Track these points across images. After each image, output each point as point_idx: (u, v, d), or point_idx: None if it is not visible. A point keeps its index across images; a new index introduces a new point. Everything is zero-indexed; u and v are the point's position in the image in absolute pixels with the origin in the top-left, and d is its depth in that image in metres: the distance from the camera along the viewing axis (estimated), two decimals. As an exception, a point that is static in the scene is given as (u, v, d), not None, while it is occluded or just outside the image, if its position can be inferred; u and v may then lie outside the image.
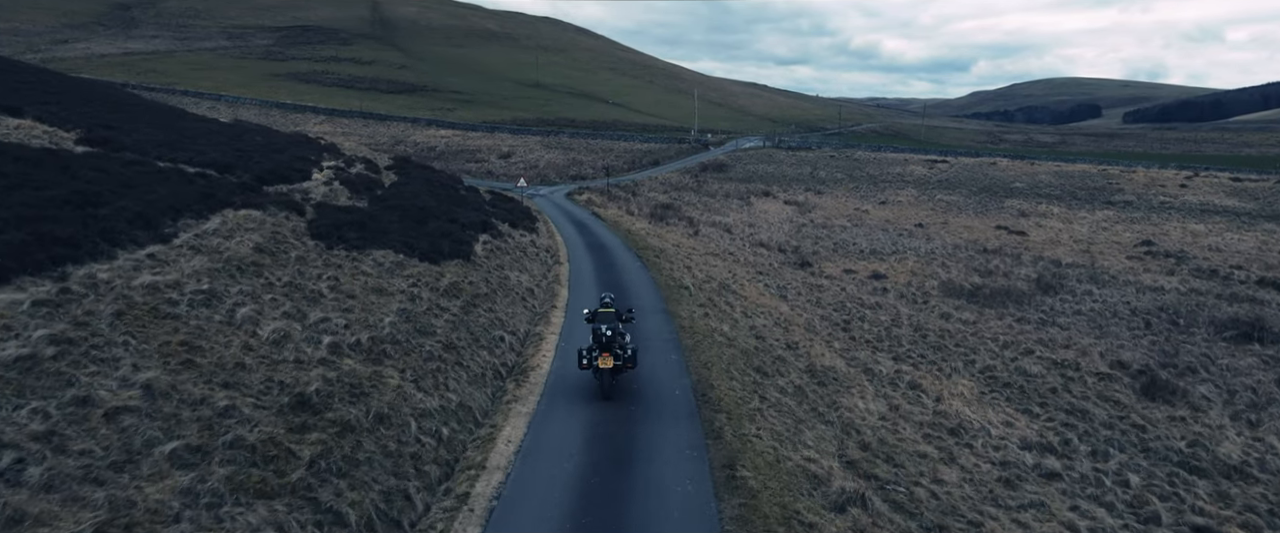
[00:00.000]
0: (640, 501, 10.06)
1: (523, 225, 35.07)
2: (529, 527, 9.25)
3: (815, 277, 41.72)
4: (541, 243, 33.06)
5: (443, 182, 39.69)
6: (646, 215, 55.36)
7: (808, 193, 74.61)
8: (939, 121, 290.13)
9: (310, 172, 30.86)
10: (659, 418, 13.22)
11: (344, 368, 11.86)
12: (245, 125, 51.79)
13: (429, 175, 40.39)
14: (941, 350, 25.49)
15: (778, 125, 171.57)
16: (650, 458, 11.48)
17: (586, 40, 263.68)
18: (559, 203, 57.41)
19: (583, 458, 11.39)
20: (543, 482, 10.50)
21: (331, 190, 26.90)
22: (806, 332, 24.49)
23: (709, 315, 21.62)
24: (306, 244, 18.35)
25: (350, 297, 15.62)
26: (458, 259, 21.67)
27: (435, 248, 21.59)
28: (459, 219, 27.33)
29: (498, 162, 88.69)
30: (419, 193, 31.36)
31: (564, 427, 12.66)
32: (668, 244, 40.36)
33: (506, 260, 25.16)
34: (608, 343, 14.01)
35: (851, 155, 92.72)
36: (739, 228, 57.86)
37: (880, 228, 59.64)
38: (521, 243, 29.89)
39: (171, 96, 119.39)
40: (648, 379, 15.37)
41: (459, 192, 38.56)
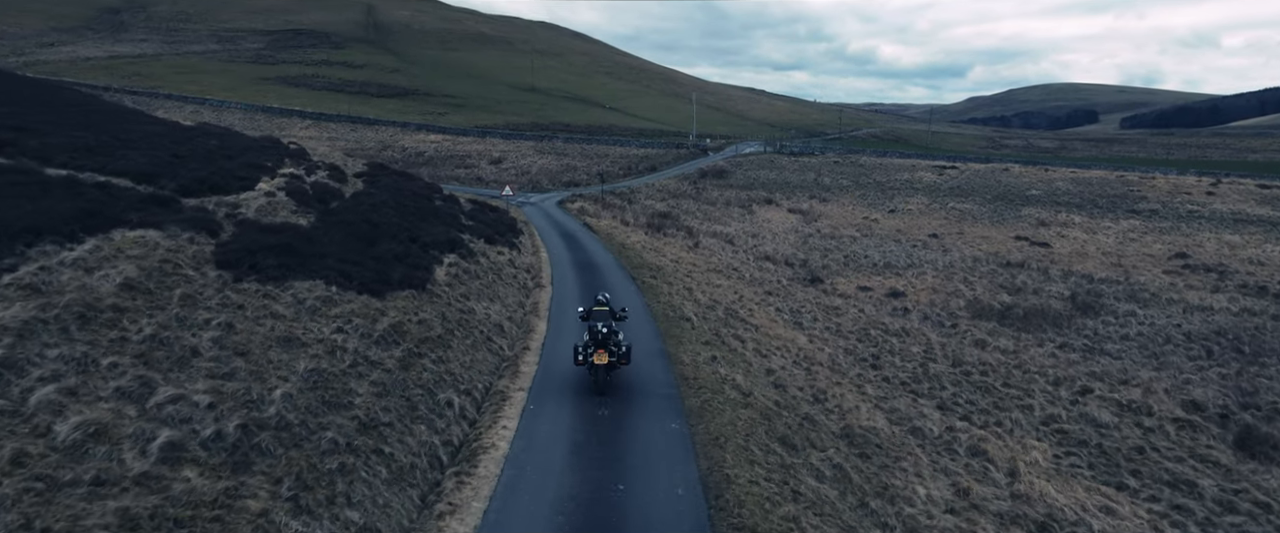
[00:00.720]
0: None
1: (503, 241, 30.98)
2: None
3: (828, 295, 37.68)
4: (523, 261, 28.97)
5: (416, 190, 35.60)
6: (643, 226, 51.32)
7: (812, 201, 70.62)
8: (937, 127, 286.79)
9: (257, 180, 26.74)
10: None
11: (176, 489, 7.76)
12: (209, 128, 47.66)
13: (401, 184, 36.30)
14: (989, 393, 21.43)
15: (777, 130, 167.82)
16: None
17: (582, 45, 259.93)
18: (549, 212, 53.36)
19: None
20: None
21: (272, 203, 22.79)
22: (832, 372, 20.42)
23: (717, 359, 17.53)
24: (205, 276, 14.25)
25: (240, 354, 11.52)
26: (409, 289, 17.57)
27: (382, 276, 17.49)
28: (422, 237, 23.23)
29: (488, 167, 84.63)
30: (382, 205, 27.26)
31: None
32: (666, 260, 36.31)
33: (475, 287, 21.07)
34: (603, 340, 14.31)
35: (856, 161, 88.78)
36: (741, 239, 53.84)
37: (892, 239, 55.62)
38: (497, 263, 25.79)
39: (154, 100, 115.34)
40: (641, 464, 11.31)
41: (433, 202, 34.47)
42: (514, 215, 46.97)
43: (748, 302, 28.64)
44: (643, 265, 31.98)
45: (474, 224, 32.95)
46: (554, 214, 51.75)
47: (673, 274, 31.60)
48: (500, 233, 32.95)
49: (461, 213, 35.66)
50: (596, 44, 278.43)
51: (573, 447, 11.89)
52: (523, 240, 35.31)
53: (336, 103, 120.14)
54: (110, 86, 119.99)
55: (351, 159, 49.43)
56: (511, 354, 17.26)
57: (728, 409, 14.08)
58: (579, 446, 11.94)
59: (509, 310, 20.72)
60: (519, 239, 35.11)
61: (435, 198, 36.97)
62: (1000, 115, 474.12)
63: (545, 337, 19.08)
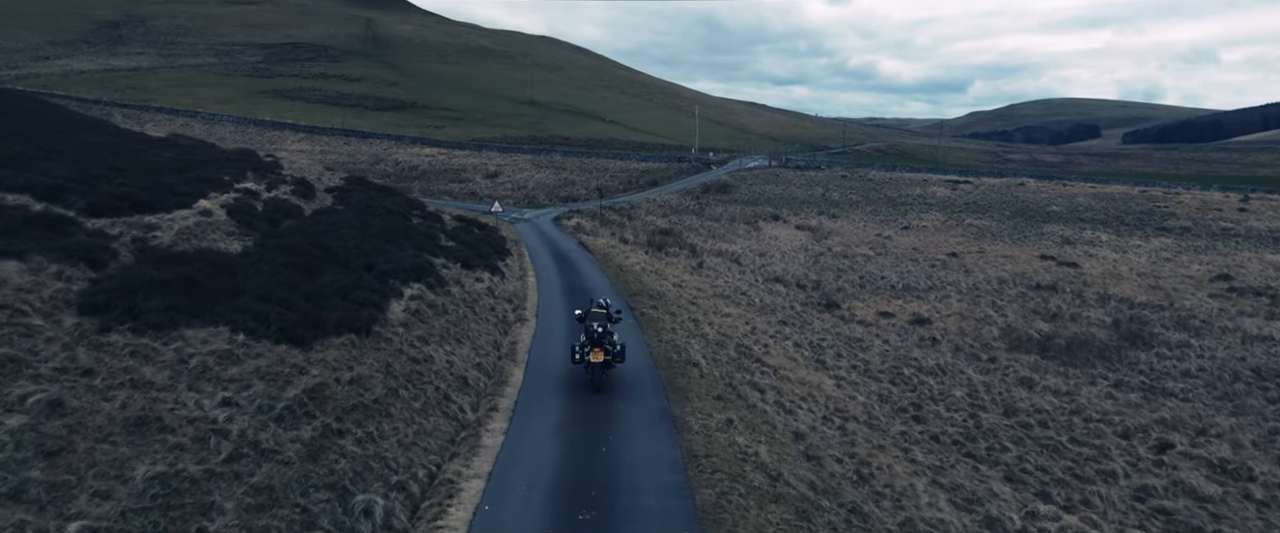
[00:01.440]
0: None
1: (485, 264, 27.36)
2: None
3: (846, 322, 34.00)
4: (506, 289, 25.33)
5: (392, 207, 32.04)
6: (643, 245, 47.72)
7: (821, 217, 67.04)
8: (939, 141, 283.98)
9: (201, 197, 23.19)
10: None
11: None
12: (177, 140, 44.26)
13: (377, 200, 32.73)
14: (1059, 454, 17.71)
15: (780, 144, 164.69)
16: None
17: (584, 59, 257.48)
18: (544, 229, 49.79)
19: None
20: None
21: (204, 224, 19.20)
22: (871, 430, 16.72)
23: (733, 423, 13.83)
24: (56, 326, 10.63)
25: (49, 453, 7.87)
26: (348, 334, 13.92)
27: (313, 317, 13.83)
28: (381, 263, 19.59)
29: (483, 181, 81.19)
30: (343, 225, 23.68)
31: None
32: (667, 284, 32.68)
33: (439, 326, 17.42)
34: (599, 339, 14.83)
35: (865, 176, 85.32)
36: (748, 258, 50.22)
37: (908, 258, 51.97)
38: (473, 293, 22.16)
39: (145, 113, 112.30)
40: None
41: (409, 221, 30.88)
42: (504, 234, 43.42)
43: (762, 335, 24.98)
44: (642, 291, 28.33)
45: (454, 245, 29.35)
46: (548, 232, 48.19)
47: (676, 302, 27.96)
48: (483, 255, 29.35)
49: (442, 232, 32.09)
50: (598, 58, 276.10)
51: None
52: (510, 262, 31.71)
53: (331, 116, 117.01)
54: (101, 100, 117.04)
55: (331, 173, 45.96)
56: (473, 419, 13.56)
57: (753, 507, 10.40)
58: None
59: (480, 354, 17.06)
60: (506, 261, 31.51)
61: (413, 215, 33.41)
62: (1002, 130, 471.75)
63: (520, 390, 15.40)
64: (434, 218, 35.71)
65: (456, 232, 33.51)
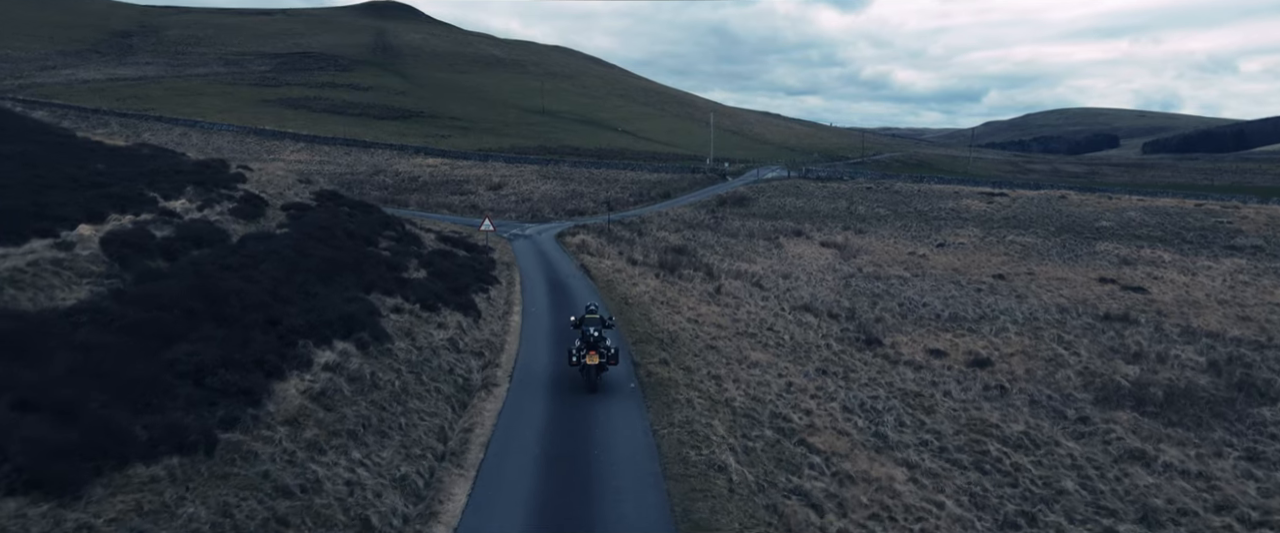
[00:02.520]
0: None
1: (457, 301, 22.00)
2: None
3: (893, 363, 28.42)
4: (477, 337, 19.93)
5: (355, 229, 26.81)
6: (654, 266, 42.33)
7: (847, 232, 61.40)
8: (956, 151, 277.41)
9: (88, 220, 18.04)
10: None
11: None
12: (134, 150, 39.37)
13: (333, 221, 27.51)
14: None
15: (796, 154, 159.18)
16: None
17: (597, 68, 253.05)
18: (544, 248, 44.51)
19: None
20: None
21: (43, 264, 13.97)
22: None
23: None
24: None
25: None
26: (173, 455, 8.60)
27: (109, 432, 8.51)
28: (292, 317, 14.24)
29: (486, 194, 76.15)
30: (270, 256, 18.43)
31: None
32: (681, 320, 27.25)
33: (357, 412, 12.04)
34: (595, 344, 15.68)
35: (892, 188, 79.57)
36: (771, 280, 44.70)
37: (949, 280, 46.26)
38: (428, 347, 16.80)
39: (144, 122, 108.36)
40: None
41: (371, 247, 25.62)
42: (497, 255, 38.16)
43: (800, 395, 19.48)
44: (651, 334, 22.90)
45: (424, 276, 24.05)
46: (548, 251, 42.89)
47: (691, 347, 22.52)
48: (459, 288, 24.03)
49: (415, 257, 26.81)
50: (611, 67, 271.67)
51: None
52: (494, 295, 26.37)
53: (334, 126, 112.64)
54: (99, 109, 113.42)
55: (306, 185, 40.88)
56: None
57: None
58: None
59: (410, 458, 11.64)
60: (489, 293, 26.18)
61: (383, 238, 28.15)
62: (1018, 140, 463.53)
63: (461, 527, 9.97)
64: (409, 240, 30.45)
65: (434, 257, 28.24)
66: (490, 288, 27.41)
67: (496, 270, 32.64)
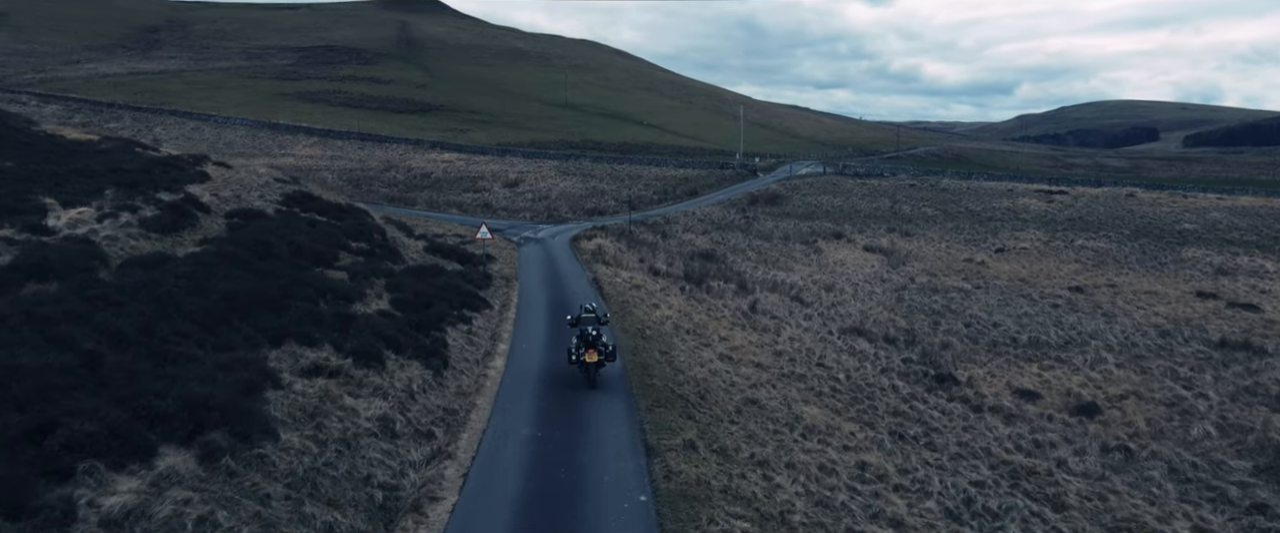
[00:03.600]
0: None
1: (417, 344, 16.45)
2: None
3: (977, 411, 22.51)
4: (429, 407, 14.26)
5: (307, 244, 21.39)
6: (678, 277, 36.68)
7: (892, 235, 55.16)
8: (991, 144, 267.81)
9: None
10: None
11: None
12: (90, 145, 34.39)
13: (284, 233, 22.10)
14: None
15: (827, 149, 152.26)
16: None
17: (623, 61, 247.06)
18: (555, 256, 39.04)
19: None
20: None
21: None
22: None
23: None
24: None
25: None
26: None
27: None
28: (85, 413, 8.78)
29: (501, 191, 70.89)
30: (149, 290, 13.05)
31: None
32: (711, 357, 21.58)
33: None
34: (593, 342, 16.05)
35: (938, 185, 72.91)
36: (812, 292, 38.82)
37: (1018, 292, 39.98)
38: (342, 436, 11.22)
39: (157, 116, 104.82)
40: None
41: (320, 270, 20.15)
42: (499, 265, 32.70)
43: (881, 490, 13.72)
44: (673, 391, 17.21)
45: (382, 307, 18.58)
46: (558, 260, 37.38)
47: (725, 404, 16.88)
48: (426, 323, 18.53)
49: (385, 277, 21.38)
50: (637, 60, 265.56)
51: None
52: (476, 327, 20.85)
53: (350, 119, 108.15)
54: (114, 103, 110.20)
55: (278, 185, 35.50)
56: None
57: None
58: None
59: None
60: (470, 325, 20.67)
61: (347, 252, 22.73)
62: (1053, 133, 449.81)
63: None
64: (384, 254, 25.03)
65: (408, 277, 22.78)
66: (475, 316, 21.91)
67: (490, 289, 27.15)
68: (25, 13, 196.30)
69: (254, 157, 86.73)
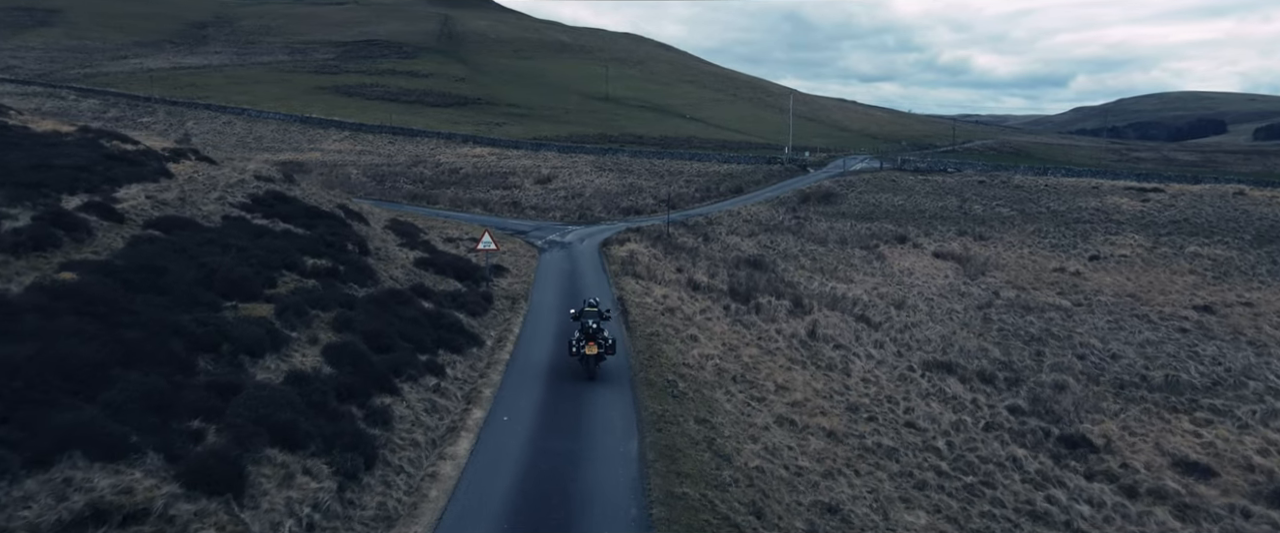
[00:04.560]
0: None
1: (334, 428, 10.93)
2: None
3: (1129, 492, 16.25)
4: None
5: (234, 268, 16.01)
6: (721, 290, 30.81)
7: (965, 239, 48.32)
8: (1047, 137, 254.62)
9: None
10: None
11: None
12: (57, 138, 29.81)
13: (198, 252, 16.78)
14: None
15: (878, 142, 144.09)
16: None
17: (666, 54, 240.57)
18: (579, 265, 33.46)
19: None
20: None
21: None
22: None
23: None
24: None
25: None
26: None
27: None
28: None
29: (532, 188, 65.63)
30: None
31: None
32: (767, 418, 15.74)
33: None
34: (593, 334, 16.07)
35: (1009, 181, 65.42)
36: (880, 310, 32.53)
37: (1129, 312, 33.09)
38: None
39: (191, 110, 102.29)
40: None
41: (232, 307, 14.74)
42: (508, 282, 27.19)
43: None
44: (717, 483, 11.36)
45: (299, 365, 13.11)
46: (583, 271, 31.77)
47: (793, 513, 11.03)
48: (360, 389, 13.10)
49: (340, 308, 16.16)
50: (681, 53, 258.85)
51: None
52: (449, 384, 15.26)
53: (384, 113, 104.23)
54: (151, 97, 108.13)
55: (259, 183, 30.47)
56: None
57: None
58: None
59: None
60: (440, 380, 15.14)
61: (295, 274, 17.41)
62: (1112, 126, 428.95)
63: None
64: (349, 274, 19.62)
65: (368, 308, 17.33)
66: (455, 361, 16.38)
67: (488, 316, 21.61)
68: (80, 9, 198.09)
69: (280, 151, 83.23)
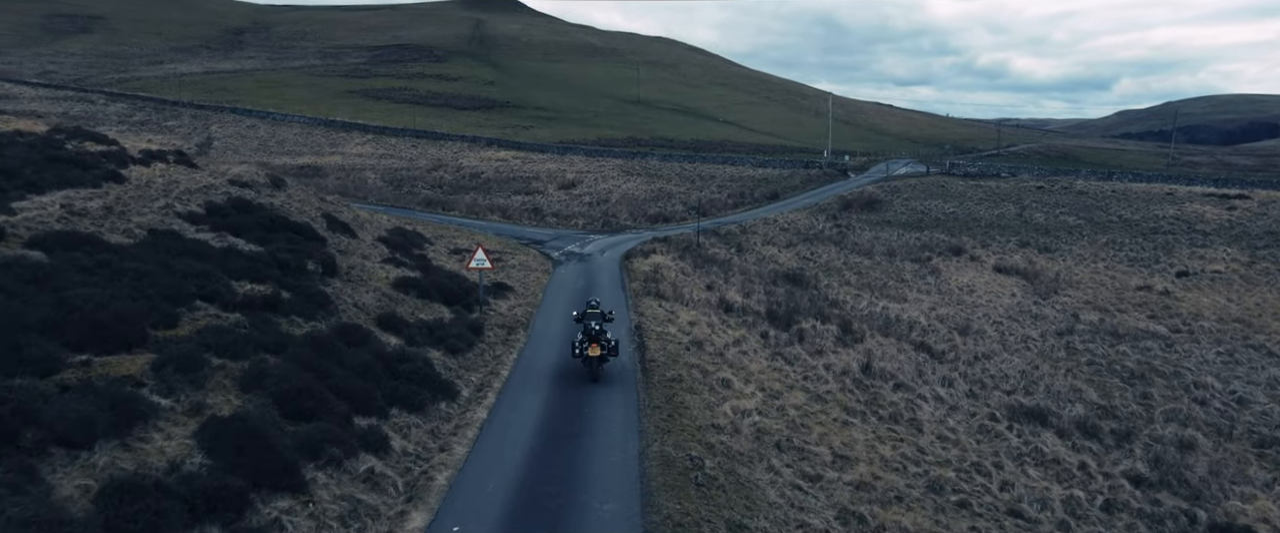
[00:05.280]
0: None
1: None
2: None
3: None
4: None
5: (87, 313, 12.04)
6: (758, 313, 26.40)
7: (1028, 251, 43.17)
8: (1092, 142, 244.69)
9: None
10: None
11: None
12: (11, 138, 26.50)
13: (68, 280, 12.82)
14: None
15: (919, 146, 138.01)
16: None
17: (699, 56, 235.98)
18: (598, 280, 29.27)
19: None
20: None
21: None
22: None
23: None
24: None
25: None
26: None
27: None
28: None
29: (556, 194, 61.69)
30: None
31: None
32: (823, 516, 11.26)
33: None
34: (596, 336, 15.93)
35: (1071, 187, 59.74)
36: (941, 336, 27.80)
37: (1243, 341, 27.86)
38: None
39: (214, 113, 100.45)
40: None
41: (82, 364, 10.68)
42: (509, 305, 23.05)
43: None
44: None
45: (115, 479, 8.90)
46: (600, 287, 27.52)
47: None
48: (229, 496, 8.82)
49: (264, 350, 11.99)
50: (714, 57, 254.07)
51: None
52: (386, 468, 11.09)
53: (411, 116, 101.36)
54: (179, 101, 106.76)
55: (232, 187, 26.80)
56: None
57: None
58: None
59: None
60: (377, 462, 10.99)
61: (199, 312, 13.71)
62: (1159, 129, 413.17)
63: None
64: (294, 304, 15.62)
65: (302, 351, 13.21)
66: (409, 427, 12.24)
67: (475, 351, 17.45)
68: (122, 16, 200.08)
69: (301, 154, 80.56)
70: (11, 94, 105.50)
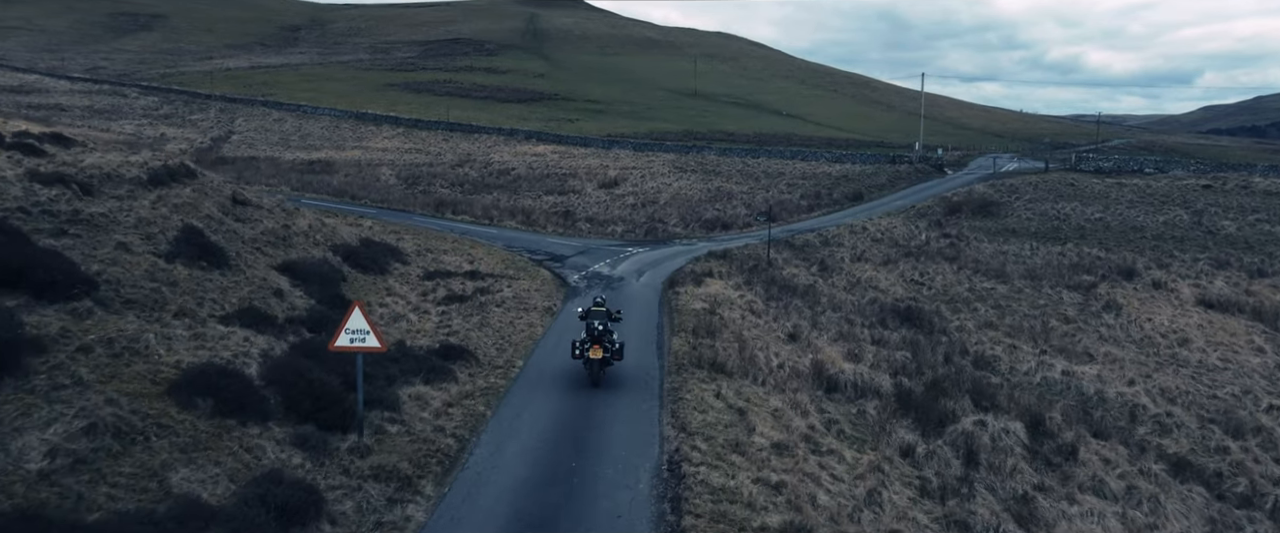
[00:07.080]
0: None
1: None
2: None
3: None
4: None
5: None
6: (875, 392, 15.16)
7: (1232, 273, 30.61)
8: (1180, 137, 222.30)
9: None
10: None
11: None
12: None
13: None
14: None
15: (1005, 140, 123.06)
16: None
17: (759, 51, 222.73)
18: (628, 318, 17.68)
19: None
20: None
21: None
22: None
23: None
24: None
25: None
26: None
27: None
28: None
29: (593, 194, 51.20)
30: None
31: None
32: None
33: None
34: (599, 337, 14.40)
35: (1249, 185, 46.38)
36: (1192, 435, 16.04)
37: None
38: None
39: (245, 107, 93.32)
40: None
41: None
42: (442, 399, 12.25)
43: None
44: None
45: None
46: (625, 333, 16.19)
47: None
48: None
49: None
50: (775, 51, 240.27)
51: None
52: None
53: (447, 109, 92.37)
54: (212, 94, 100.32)
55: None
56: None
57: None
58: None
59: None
60: None
61: None
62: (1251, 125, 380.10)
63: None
64: None
65: None
66: None
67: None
68: (182, 15, 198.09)
69: (319, 148, 72.01)
70: (44, 87, 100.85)
